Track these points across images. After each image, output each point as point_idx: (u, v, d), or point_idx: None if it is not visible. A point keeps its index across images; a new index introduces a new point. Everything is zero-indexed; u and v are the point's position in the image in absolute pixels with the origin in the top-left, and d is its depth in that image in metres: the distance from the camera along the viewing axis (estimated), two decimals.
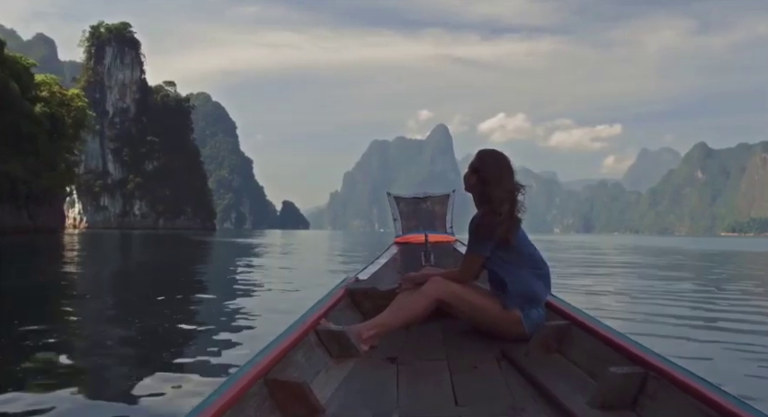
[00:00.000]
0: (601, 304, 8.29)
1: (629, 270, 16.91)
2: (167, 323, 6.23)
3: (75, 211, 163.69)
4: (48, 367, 4.27)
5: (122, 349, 5.03)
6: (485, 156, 2.99)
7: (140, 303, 8.03)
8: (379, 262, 4.51)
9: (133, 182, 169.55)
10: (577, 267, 17.56)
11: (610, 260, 23.37)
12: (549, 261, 3.15)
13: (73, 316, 7.02)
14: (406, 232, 5.51)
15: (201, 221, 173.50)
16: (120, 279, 13.01)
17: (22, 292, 9.23)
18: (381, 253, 4.94)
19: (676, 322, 6.74)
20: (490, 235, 2.84)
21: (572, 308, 2.75)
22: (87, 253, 23.28)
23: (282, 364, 2.03)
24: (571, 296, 7.86)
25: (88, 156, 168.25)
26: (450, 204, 5.60)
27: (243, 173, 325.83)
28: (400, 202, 5.70)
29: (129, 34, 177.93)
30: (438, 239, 5.06)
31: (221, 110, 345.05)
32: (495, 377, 2.32)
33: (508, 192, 2.89)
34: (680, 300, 9.14)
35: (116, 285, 11.72)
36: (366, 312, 3.26)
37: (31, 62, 61.05)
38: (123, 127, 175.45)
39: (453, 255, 4.73)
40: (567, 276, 13.19)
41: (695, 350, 5.07)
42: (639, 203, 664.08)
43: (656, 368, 1.88)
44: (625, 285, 12.13)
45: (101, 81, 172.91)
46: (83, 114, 65.76)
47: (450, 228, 5.48)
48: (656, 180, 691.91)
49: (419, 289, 2.89)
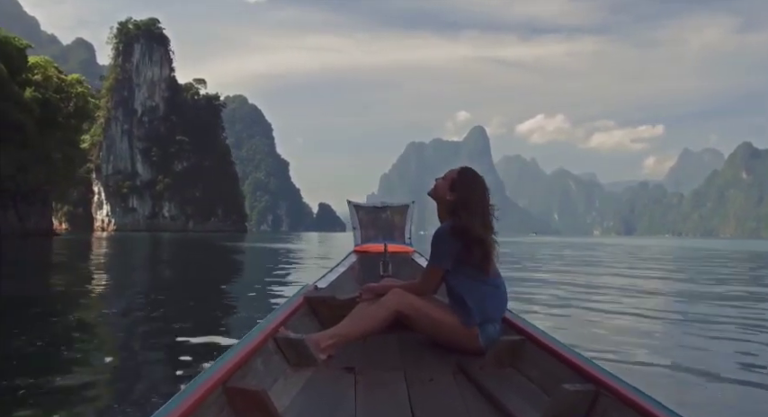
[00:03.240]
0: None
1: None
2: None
3: (103, 213, 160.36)
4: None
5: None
6: (468, 176, 3.03)
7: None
8: (338, 271, 4.43)
9: (162, 183, 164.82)
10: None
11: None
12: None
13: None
14: (365, 241, 5.39)
15: (233, 223, 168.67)
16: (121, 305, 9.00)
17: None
18: (340, 262, 4.84)
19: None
20: (452, 250, 2.87)
21: (527, 324, 2.79)
22: (73, 265, 19.08)
23: (241, 371, 2.05)
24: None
25: (116, 157, 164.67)
26: (409, 215, 5.51)
27: (279, 176, 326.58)
28: (359, 211, 5.60)
29: (158, 30, 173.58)
30: (397, 249, 5.04)
31: (258, 113, 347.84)
32: (450, 391, 2.36)
33: (486, 215, 2.95)
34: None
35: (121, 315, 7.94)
36: (324, 320, 3.28)
37: (25, 43, 54.08)
38: (152, 126, 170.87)
39: (411, 266, 4.78)
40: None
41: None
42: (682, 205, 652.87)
43: (607, 385, 1.92)
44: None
45: (129, 79, 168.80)
46: (84, 102, 58.29)
47: (409, 239, 5.38)
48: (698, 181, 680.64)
49: (379, 301, 2.91)
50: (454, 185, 2.96)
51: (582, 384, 2.01)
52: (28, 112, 48.39)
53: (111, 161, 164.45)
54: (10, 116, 45.99)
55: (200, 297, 9.66)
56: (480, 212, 2.90)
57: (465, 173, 3.01)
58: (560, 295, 9.97)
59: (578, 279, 13.36)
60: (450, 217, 2.94)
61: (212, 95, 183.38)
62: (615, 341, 5.82)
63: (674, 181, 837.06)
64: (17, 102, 47.71)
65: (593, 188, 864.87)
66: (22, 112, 47.73)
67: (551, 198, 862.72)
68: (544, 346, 2.45)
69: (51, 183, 54.51)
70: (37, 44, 58.68)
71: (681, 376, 4.47)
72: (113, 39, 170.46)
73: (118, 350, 5.50)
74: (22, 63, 52.03)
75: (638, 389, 1.83)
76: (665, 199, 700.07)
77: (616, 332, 6.36)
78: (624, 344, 5.63)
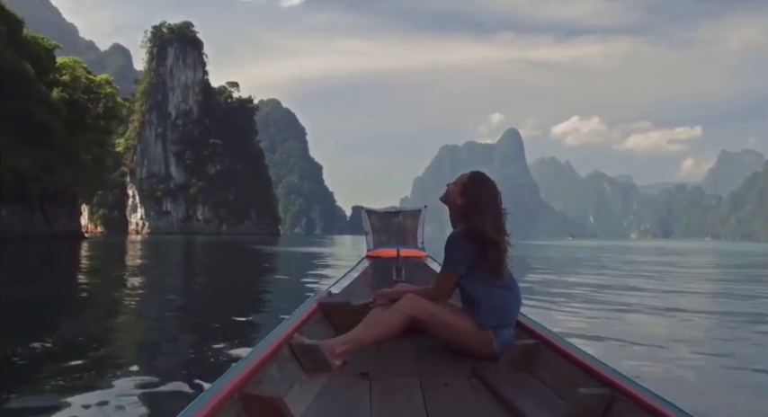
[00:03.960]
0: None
1: None
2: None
3: (137, 216, 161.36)
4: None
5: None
6: (479, 180, 3.05)
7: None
8: (351, 276, 4.43)
9: (196, 186, 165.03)
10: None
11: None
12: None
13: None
14: (378, 246, 5.38)
15: (266, 226, 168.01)
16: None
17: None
18: (353, 267, 4.85)
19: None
20: (466, 254, 2.90)
21: (541, 328, 2.80)
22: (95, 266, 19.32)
23: (257, 378, 2.05)
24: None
25: (150, 160, 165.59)
26: (421, 219, 5.53)
27: (313, 179, 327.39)
28: (372, 216, 5.64)
29: (192, 34, 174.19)
30: (409, 254, 5.02)
31: (291, 117, 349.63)
32: (466, 396, 2.36)
33: (498, 218, 2.95)
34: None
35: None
36: (339, 326, 3.29)
37: (54, 43, 53.30)
38: (186, 129, 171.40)
39: (424, 271, 4.76)
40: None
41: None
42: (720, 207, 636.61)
43: (624, 389, 1.92)
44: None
45: (163, 82, 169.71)
46: (113, 102, 57.16)
47: (422, 244, 5.37)
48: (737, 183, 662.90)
49: (393, 306, 2.92)
50: (465, 189, 3.00)
51: (598, 388, 2.01)
52: (55, 113, 47.53)
53: (146, 164, 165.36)
54: (36, 116, 45.17)
55: (228, 303, 9.37)
56: (492, 215, 2.92)
57: (475, 177, 3.05)
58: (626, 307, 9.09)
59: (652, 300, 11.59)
60: (462, 221, 2.98)
61: (245, 98, 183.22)
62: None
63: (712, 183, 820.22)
64: (44, 103, 46.90)
65: (630, 190, 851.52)
66: (49, 113, 46.87)
67: (587, 200, 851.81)
68: (559, 350, 2.45)
69: (79, 185, 53.49)
70: (75, 50, 58.47)
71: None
72: (147, 43, 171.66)
73: (137, 354, 5.47)
74: (50, 63, 51.30)
75: (656, 393, 1.83)
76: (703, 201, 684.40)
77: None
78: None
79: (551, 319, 7.13)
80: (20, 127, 44.02)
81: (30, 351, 5.15)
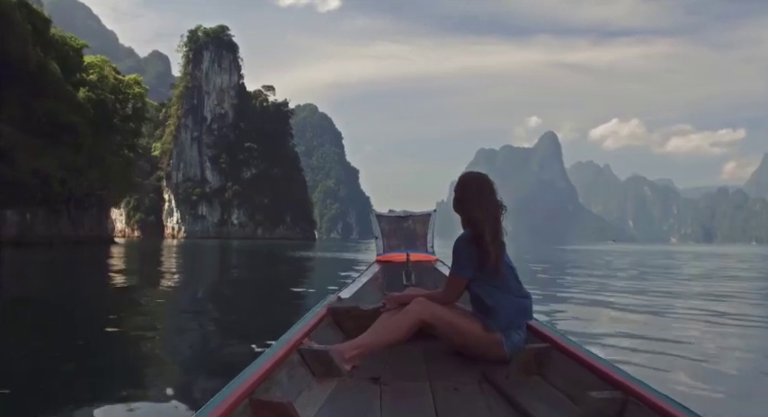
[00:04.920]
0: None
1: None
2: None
3: (173, 220, 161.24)
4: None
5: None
6: (462, 179, 3.09)
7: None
8: (361, 281, 4.44)
9: (231, 191, 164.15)
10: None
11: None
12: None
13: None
14: (388, 250, 5.45)
15: (301, 231, 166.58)
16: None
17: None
18: (363, 272, 4.87)
19: None
20: (473, 257, 2.90)
21: (552, 331, 2.78)
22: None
23: (266, 384, 2.06)
24: None
25: (186, 164, 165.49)
26: (431, 223, 5.54)
27: (349, 184, 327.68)
28: (382, 220, 5.67)
29: (227, 37, 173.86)
30: (419, 258, 5.03)
31: (327, 121, 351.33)
32: (477, 400, 2.35)
33: (488, 214, 2.94)
34: None
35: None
36: (348, 331, 3.30)
37: (82, 43, 51.61)
38: (221, 133, 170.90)
39: (434, 275, 4.74)
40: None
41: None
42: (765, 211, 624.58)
43: (636, 393, 1.91)
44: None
45: (198, 86, 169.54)
46: (142, 103, 55.08)
47: (432, 248, 5.41)
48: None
49: (403, 310, 2.93)
50: (455, 191, 3.04)
51: (610, 391, 2.00)
52: (81, 113, 45.78)
53: (181, 168, 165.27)
54: (62, 117, 43.44)
55: (252, 309, 9.14)
56: (484, 210, 2.91)
57: (464, 176, 3.10)
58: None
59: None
60: (467, 225, 2.97)
61: (281, 102, 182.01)
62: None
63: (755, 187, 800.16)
64: (70, 103, 45.23)
65: (670, 194, 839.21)
66: (75, 113, 45.16)
67: (626, 204, 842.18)
68: (570, 353, 2.44)
69: (107, 188, 51.46)
70: (115, 57, 57.15)
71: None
72: (183, 47, 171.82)
73: (151, 360, 5.32)
74: (77, 63, 49.63)
75: (668, 396, 1.81)
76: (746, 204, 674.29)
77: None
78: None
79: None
80: (44, 127, 42.42)
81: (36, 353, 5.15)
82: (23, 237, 39.36)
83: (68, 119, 43.74)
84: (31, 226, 41.99)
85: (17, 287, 12.84)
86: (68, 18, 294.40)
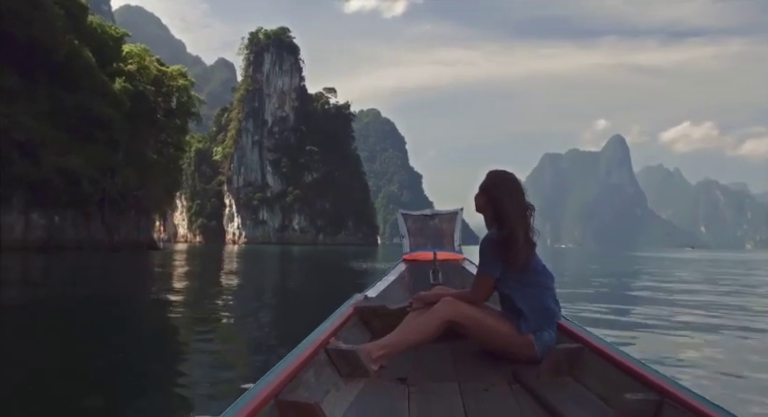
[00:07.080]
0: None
1: None
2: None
3: (234, 225, 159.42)
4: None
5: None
6: (494, 177, 3.04)
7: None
8: (388, 280, 4.41)
9: (292, 195, 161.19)
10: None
11: None
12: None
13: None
14: (414, 249, 5.30)
15: (364, 236, 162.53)
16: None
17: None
18: (389, 271, 4.82)
19: None
20: (500, 257, 2.87)
21: (584, 331, 2.72)
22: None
23: (293, 384, 2.05)
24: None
25: (247, 168, 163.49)
26: (457, 222, 5.38)
27: (412, 188, 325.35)
28: (408, 219, 5.52)
29: (288, 39, 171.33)
30: (446, 257, 4.93)
31: (391, 126, 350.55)
32: (507, 401, 2.31)
33: (519, 213, 2.90)
34: None
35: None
36: (375, 330, 3.29)
37: (123, 31, 47.53)
38: (282, 136, 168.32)
39: (461, 274, 4.70)
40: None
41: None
42: None
43: (672, 394, 1.87)
44: None
45: (259, 89, 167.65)
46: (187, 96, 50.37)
47: (459, 246, 5.25)
48: None
49: (431, 309, 2.88)
50: (484, 188, 2.99)
51: (645, 393, 1.96)
52: (116, 106, 41.36)
53: (242, 172, 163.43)
54: (95, 110, 39.02)
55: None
56: (515, 209, 2.88)
57: (492, 174, 3.04)
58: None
59: None
60: (494, 224, 2.95)
61: (342, 104, 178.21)
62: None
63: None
64: (104, 94, 40.79)
65: (744, 199, 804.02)
66: (110, 106, 40.73)
67: (697, 209, 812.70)
68: (603, 354, 2.40)
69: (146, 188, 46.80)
70: (182, 65, 53.37)
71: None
72: (244, 49, 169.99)
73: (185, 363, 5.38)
74: (116, 52, 45.47)
75: (706, 398, 1.77)
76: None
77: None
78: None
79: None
80: (75, 121, 38.06)
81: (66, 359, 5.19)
82: (49, 242, 35.28)
83: (102, 112, 39.38)
84: (61, 229, 37.91)
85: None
86: (139, 27, 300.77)
